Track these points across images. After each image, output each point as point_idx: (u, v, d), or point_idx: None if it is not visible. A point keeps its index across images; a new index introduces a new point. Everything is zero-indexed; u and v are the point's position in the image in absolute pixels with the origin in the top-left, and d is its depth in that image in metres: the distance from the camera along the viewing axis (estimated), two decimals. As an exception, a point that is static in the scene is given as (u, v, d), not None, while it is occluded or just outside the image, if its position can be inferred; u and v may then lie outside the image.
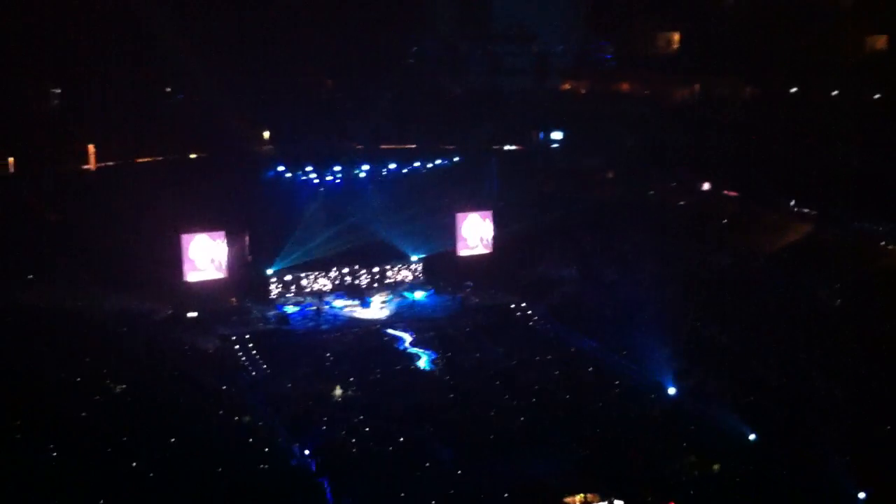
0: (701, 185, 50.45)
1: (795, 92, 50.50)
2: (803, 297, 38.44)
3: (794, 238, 44.25)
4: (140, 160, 48.51)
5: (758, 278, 41.33)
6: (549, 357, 36.05)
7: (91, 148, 46.16)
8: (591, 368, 34.67)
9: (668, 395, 32.17)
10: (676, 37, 56.63)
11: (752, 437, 28.11)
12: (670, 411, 30.56)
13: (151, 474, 24.67)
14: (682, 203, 49.95)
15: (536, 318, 41.89)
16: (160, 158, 49.46)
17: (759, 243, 44.64)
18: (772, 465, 25.98)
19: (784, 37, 49.39)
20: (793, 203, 45.93)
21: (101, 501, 23.05)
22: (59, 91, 48.39)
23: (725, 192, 49.40)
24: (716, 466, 26.45)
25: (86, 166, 46.13)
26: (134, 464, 25.10)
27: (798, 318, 36.29)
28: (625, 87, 57.54)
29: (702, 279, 41.66)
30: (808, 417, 28.33)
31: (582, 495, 24.64)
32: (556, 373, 33.90)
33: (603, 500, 24.50)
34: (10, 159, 43.19)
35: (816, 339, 34.05)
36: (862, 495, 24.49)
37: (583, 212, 47.70)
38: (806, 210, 45.51)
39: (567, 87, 59.79)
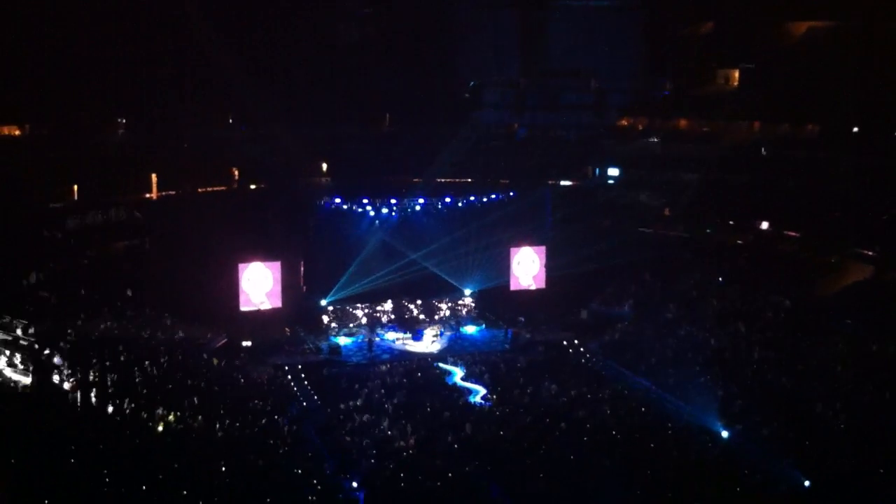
0: (759, 225, 49.75)
1: (857, 132, 49.72)
2: (866, 341, 37.49)
3: (856, 280, 43.36)
4: (201, 190, 49.45)
5: (819, 321, 40.45)
6: (601, 395, 35.59)
7: (153, 177, 47.19)
8: (643, 409, 34.12)
9: (721, 437, 31.51)
10: (736, 74, 56.22)
11: (806, 483, 27.39)
12: (723, 455, 29.86)
13: (200, 502, 24.82)
14: (739, 242, 49.28)
15: (589, 355, 41.49)
16: (221, 188, 50.41)
17: (820, 285, 43.81)
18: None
19: (848, 75, 48.77)
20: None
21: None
22: (123, 121, 49.63)
23: (785, 232, 48.64)
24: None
25: (148, 195, 47.13)
26: (185, 492, 25.25)
27: (861, 362, 35.44)
28: (682, 123, 57.17)
29: (761, 320, 41.05)
30: (869, 465, 27.48)
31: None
32: (608, 411, 33.43)
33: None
34: (74, 186, 44.26)
35: (880, 384, 33.13)
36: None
37: (638, 249, 47.33)
38: (869, 252, 44.53)
39: (624, 123, 59.60)
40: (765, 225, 49.59)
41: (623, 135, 58.45)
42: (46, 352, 33.17)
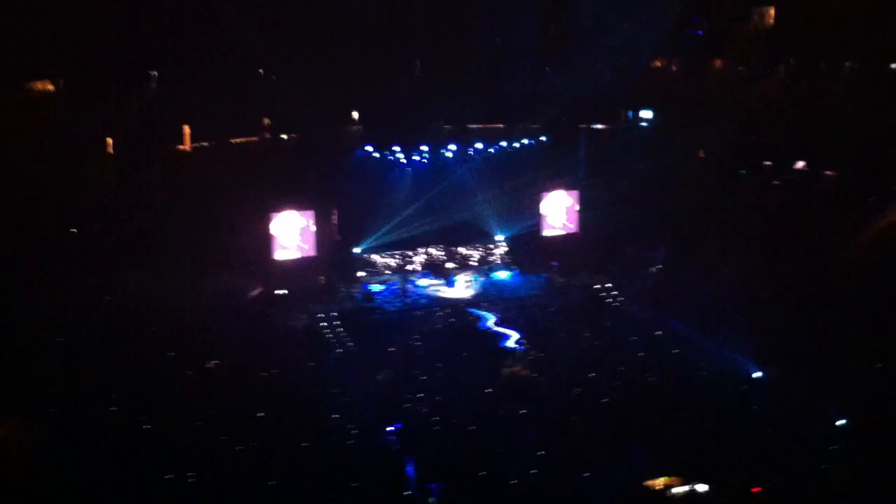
0: (795, 165, 48.92)
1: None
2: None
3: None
4: (233, 140, 49.52)
5: (856, 265, 39.94)
6: (634, 338, 35.61)
7: (186, 128, 47.31)
8: (676, 351, 34.12)
9: (755, 379, 31.49)
10: (771, 12, 54.83)
11: (841, 422, 27.33)
12: (758, 396, 29.84)
13: (239, 447, 25.34)
14: (775, 182, 48.55)
15: (623, 299, 41.44)
16: (253, 139, 50.47)
17: (859, 227, 43.15)
18: (862, 452, 25.17)
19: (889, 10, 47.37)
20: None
21: (190, 472, 23.74)
22: (155, 73, 49.65)
23: (823, 171, 47.78)
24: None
25: (181, 146, 47.31)
26: (222, 437, 25.78)
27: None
28: (717, 63, 56.04)
29: (798, 263, 40.63)
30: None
31: (664, 478, 24.28)
32: (641, 354, 33.49)
33: (685, 485, 24.11)
34: (109, 139, 44.50)
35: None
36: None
37: (673, 192, 46.86)
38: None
39: (658, 64, 58.52)
40: (801, 164, 48.73)
41: (657, 76, 57.46)
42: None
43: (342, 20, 51.62)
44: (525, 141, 47.23)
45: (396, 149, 45.56)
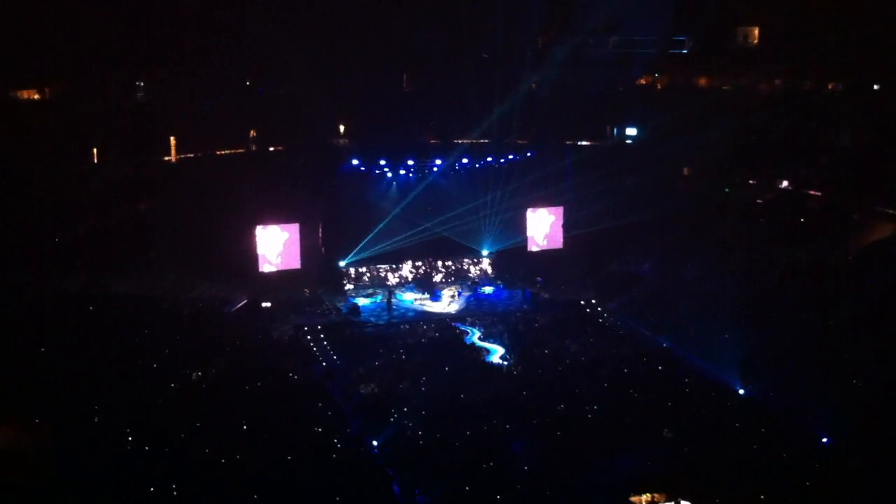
0: (779, 183, 49.33)
1: (880, 89, 48.90)
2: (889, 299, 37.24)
3: (880, 238, 42.99)
4: (220, 152, 49.45)
5: (840, 279, 40.24)
6: (618, 353, 35.70)
7: (173, 139, 47.22)
8: (660, 367, 34.23)
9: (739, 395, 31.64)
10: (756, 31, 55.34)
11: (824, 440, 27.49)
12: (742, 412, 29.96)
13: (223, 459, 25.19)
14: (759, 201, 48.92)
15: (607, 314, 41.56)
16: (239, 150, 50.40)
17: (843, 243, 43.49)
18: (846, 471, 25.28)
19: (873, 30, 47.83)
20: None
21: (174, 485, 23.55)
22: (141, 84, 49.52)
23: (806, 190, 48.20)
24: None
25: (167, 158, 47.20)
26: (207, 449, 25.62)
27: (885, 321, 35.25)
28: (702, 82, 56.48)
29: (781, 278, 40.87)
30: (891, 424, 27.40)
31: (648, 495, 24.33)
32: (626, 370, 33.57)
33: (670, 501, 24.17)
34: (94, 150, 44.35)
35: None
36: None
37: (657, 208, 47.08)
38: (890, 210, 44.07)
39: (643, 82, 58.91)
40: (785, 183, 49.16)
41: (643, 93, 57.82)
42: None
43: (330, 35, 51.71)
44: (511, 156, 47.35)
45: (382, 162, 45.57)
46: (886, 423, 27.17)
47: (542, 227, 47.72)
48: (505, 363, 35.44)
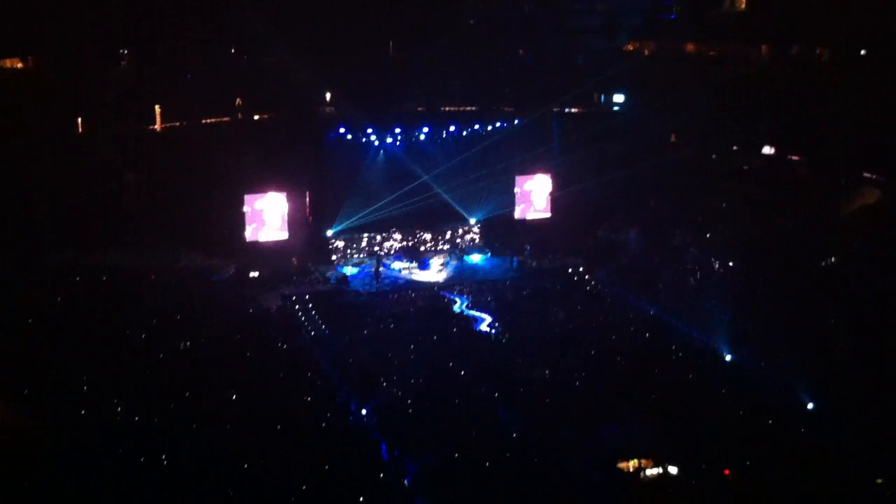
0: (762, 149, 49.37)
1: (865, 55, 48.87)
2: (873, 266, 37.51)
3: (864, 204, 43.18)
4: (205, 121, 49.11)
5: (823, 246, 40.46)
6: (606, 320, 35.86)
7: (157, 108, 46.85)
8: (647, 334, 34.41)
9: (726, 361, 31.87)
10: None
11: (810, 405, 27.75)
12: (728, 378, 30.18)
13: (212, 428, 25.27)
14: (744, 167, 49.01)
15: (594, 282, 41.67)
16: (225, 119, 50.05)
17: (826, 209, 43.68)
18: (830, 435, 25.54)
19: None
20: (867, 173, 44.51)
21: (163, 455, 23.66)
22: (125, 52, 49.04)
23: (790, 156, 48.29)
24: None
25: (152, 127, 46.86)
26: (195, 419, 25.69)
27: (868, 287, 35.50)
28: (689, 48, 56.33)
29: (766, 244, 41.05)
30: (875, 389, 27.66)
31: (636, 460, 24.56)
32: (613, 337, 33.73)
33: (657, 466, 24.40)
34: (78, 119, 43.98)
35: (887, 309, 33.20)
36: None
37: (644, 175, 47.07)
38: (875, 176, 44.23)
39: (630, 48, 58.70)
40: (769, 150, 49.20)
41: (630, 59, 57.63)
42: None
43: (316, 3, 51.23)
44: (498, 124, 47.16)
45: (370, 131, 45.34)
46: (870, 388, 27.48)
47: (531, 194, 47.63)
48: (493, 331, 35.54)
